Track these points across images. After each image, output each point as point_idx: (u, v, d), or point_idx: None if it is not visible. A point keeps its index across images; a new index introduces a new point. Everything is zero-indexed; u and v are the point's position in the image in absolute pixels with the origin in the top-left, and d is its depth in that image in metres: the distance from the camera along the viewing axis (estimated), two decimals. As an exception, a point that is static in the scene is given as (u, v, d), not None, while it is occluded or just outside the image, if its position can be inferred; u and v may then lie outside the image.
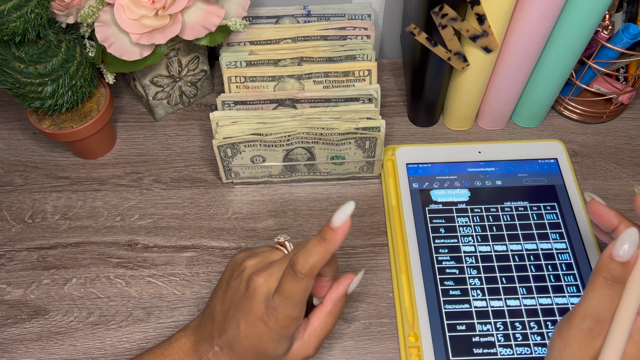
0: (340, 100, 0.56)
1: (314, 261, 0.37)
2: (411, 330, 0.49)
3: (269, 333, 0.39)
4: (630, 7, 0.57)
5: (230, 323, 0.40)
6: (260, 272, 0.40)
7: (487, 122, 0.63)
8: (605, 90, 0.61)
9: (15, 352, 0.49)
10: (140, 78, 0.58)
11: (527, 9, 0.49)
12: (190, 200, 0.58)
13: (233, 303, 0.41)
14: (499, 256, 0.53)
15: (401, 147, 0.60)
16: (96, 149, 0.60)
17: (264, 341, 0.39)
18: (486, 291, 0.51)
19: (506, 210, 0.55)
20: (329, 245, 0.37)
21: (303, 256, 0.37)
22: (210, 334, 0.41)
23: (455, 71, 0.57)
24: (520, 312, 0.49)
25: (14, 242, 0.55)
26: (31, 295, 0.52)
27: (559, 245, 0.53)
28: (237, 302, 0.40)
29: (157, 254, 0.54)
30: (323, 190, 0.59)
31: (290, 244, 0.45)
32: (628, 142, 0.62)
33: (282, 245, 0.44)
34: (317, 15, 0.61)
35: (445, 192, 0.57)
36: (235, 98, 0.56)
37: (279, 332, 0.39)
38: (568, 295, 0.50)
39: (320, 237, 0.37)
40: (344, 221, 0.37)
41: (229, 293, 0.42)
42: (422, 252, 0.53)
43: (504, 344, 0.48)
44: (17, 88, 0.50)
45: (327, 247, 0.37)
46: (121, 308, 0.51)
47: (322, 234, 0.37)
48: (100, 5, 0.51)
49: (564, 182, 0.57)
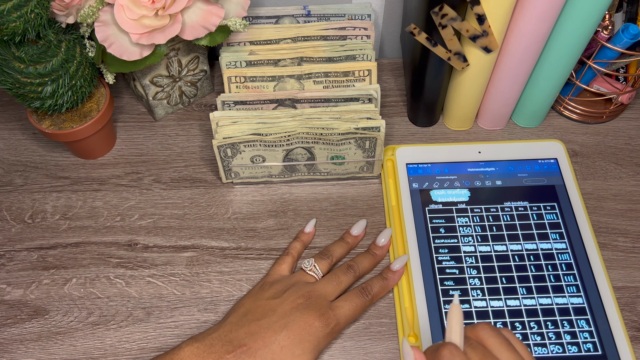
0: (340, 100, 0.56)
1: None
2: (411, 330, 0.49)
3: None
4: (630, 7, 0.57)
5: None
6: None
7: (487, 122, 0.63)
8: (605, 90, 0.61)
9: (15, 352, 0.49)
10: (140, 78, 0.58)
11: (527, 9, 0.49)
12: (190, 200, 0.58)
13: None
14: (499, 256, 0.53)
15: (401, 147, 0.60)
16: (96, 149, 0.60)
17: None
18: (486, 291, 0.51)
19: (506, 211, 0.55)
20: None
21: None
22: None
23: (455, 71, 0.57)
24: (520, 312, 0.49)
25: (14, 242, 0.55)
26: (31, 295, 0.52)
27: (558, 245, 0.53)
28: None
29: (157, 254, 0.54)
30: (323, 190, 0.59)
31: (317, 267, 0.50)
32: (628, 142, 0.62)
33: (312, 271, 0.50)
34: (317, 15, 0.61)
35: (445, 192, 0.57)
36: (235, 98, 0.56)
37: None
38: (568, 296, 0.50)
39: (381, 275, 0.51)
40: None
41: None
42: (422, 252, 0.53)
43: None
44: (17, 88, 0.50)
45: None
46: (121, 308, 0.51)
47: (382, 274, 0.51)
48: (100, 5, 0.51)
49: (564, 182, 0.57)
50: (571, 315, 0.49)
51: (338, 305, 0.47)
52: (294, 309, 0.45)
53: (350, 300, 0.48)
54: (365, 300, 0.48)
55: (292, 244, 0.53)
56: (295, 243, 0.53)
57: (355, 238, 0.54)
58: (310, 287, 0.48)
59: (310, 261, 0.50)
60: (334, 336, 0.47)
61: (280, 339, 0.44)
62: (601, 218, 0.56)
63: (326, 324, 0.45)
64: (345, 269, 0.50)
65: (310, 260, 0.50)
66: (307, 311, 0.45)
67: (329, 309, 0.46)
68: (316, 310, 0.46)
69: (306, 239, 0.54)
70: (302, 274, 0.50)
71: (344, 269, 0.50)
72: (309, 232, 0.54)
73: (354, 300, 0.48)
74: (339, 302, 0.47)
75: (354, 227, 0.54)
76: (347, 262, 0.51)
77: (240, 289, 0.52)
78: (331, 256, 0.51)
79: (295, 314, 0.45)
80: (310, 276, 0.49)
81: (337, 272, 0.50)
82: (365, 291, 0.49)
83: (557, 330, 0.48)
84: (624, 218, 0.56)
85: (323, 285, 0.48)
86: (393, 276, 0.50)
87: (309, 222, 0.55)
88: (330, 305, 0.47)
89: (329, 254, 0.51)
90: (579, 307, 0.50)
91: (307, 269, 0.50)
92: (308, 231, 0.54)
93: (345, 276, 0.49)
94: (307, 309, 0.45)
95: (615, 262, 0.53)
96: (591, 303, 0.50)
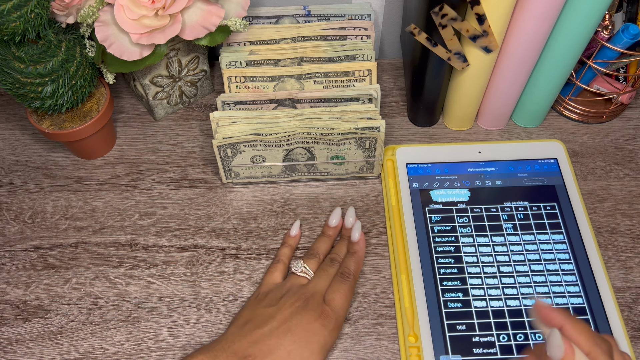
0: (340, 100, 0.56)
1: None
2: (411, 330, 0.49)
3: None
4: (630, 7, 0.57)
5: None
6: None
7: (487, 122, 0.63)
8: (605, 90, 0.61)
9: (15, 352, 0.49)
10: (140, 78, 0.58)
11: (527, 9, 0.49)
12: (190, 200, 0.58)
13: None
14: (499, 256, 0.53)
15: (401, 147, 0.60)
16: (96, 149, 0.60)
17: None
18: (486, 291, 0.51)
19: (506, 210, 0.55)
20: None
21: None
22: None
23: (455, 71, 0.57)
24: (520, 312, 0.49)
25: (14, 242, 0.55)
26: (31, 295, 0.52)
27: (558, 246, 0.53)
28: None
29: (157, 254, 0.54)
30: (323, 190, 0.59)
31: (309, 268, 0.50)
32: (628, 142, 0.62)
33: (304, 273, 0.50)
34: (317, 15, 0.61)
35: (445, 192, 0.57)
36: (235, 98, 0.56)
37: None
38: (568, 295, 0.50)
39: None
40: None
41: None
42: (422, 252, 0.53)
43: (504, 344, 0.48)
44: (17, 88, 0.50)
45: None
46: (121, 308, 0.51)
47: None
48: (100, 5, 0.51)
49: (564, 182, 0.57)
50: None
51: (330, 298, 0.47)
52: (293, 313, 0.45)
53: (337, 289, 0.48)
54: (349, 282, 0.49)
55: (280, 251, 0.53)
56: (283, 249, 0.53)
57: (335, 229, 0.55)
58: (306, 288, 0.48)
59: (299, 263, 0.50)
60: (338, 331, 0.47)
61: (285, 343, 0.44)
62: (601, 218, 0.56)
63: (327, 320, 0.46)
64: (329, 262, 0.51)
65: (299, 262, 0.51)
66: (306, 312, 0.45)
67: (325, 305, 0.47)
68: (314, 310, 0.46)
69: (293, 243, 0.54)
70: (294, 277, 0.50)
71: (329, 262, 0.51)
72: (294, 235, 0.54)
73: (341, 288, 0.48)
74: (329, 295, 0.48)
75: (330, 218, 0.55)
76: (329, 256, 0.52)
77: (240, 289, 0.52)
78: (318, 254, 0.52)
79: (296, 317, 0.45)
80: (303, 277, 0.50)
81: (324, 266, 0.50)
82: (345, 274, 0.49)
83: (557, 330, 0.48)
84: (624, 218, 0.56)
85: (315, 282, 0.49)
86: (359, 246, 0.52)
87: (293, 224, 0.55)
88: (325, 302, 0.47)
89: (315, 252, 0.52)
90: (579, 307, 0.50)
91: (298, 272, 0.50)
92: (294, 234, 0.54)
93: (332, 268, 0.50)
94: (306, 310, 0.46)
95: (615, 262, 0.53)
96: (591, 303, 0.50)
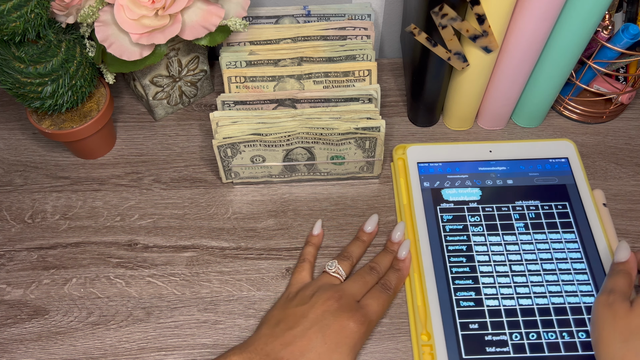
0: (340, 100, 0.56)
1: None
2: (424, 328, 0.49)
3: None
4: (630, 7, 0.57)
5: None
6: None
7: (487, 122, 0.63)
8: (605, 90, 0.61)
9: (15, 352, 0.49)
10: (140, 78, 0.58)
11: (527, 9, 0.49)
12: (190, 200, 0.58)
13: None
14: (511, 255, 0.52)
15: (412, 146, 0.60)
16: (96, 149, 0.60)
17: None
18: (498, 290, 0.50)
19: (517, 209, 0.55)
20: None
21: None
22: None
23: (455, 71, 0.57)
24: (532, 310, 0.49)
25: (13, 242, 0.55)
26: (31, 295, 0.52)
27: (570, 245, 0.53)
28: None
29: (157, 254, 0.54)
30: (323, 190, 0.59)
31: (342, 268, 0.50)
32: (628, 142, 0.62)
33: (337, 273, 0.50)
34: (317, 15, 0.61)
35: (457, 191, 0.57)
36: (235, 98, 0.56)
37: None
38: (580, 295, 0.50)
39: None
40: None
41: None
42: (434, 251, 0.53)
43: (516, 342, 0.48)
44: (17, 88, 0.50)
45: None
46: (121, 308, 0.51)
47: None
48: (100, 5, 0.51)
49: (575, 182, 0.57)
50: (583, 314, 0.49)
51: (366, 303, 0.47)
52: (326, 312, 0.45)
53: (376, 297, 0.48)
54: (389, 294, 0.49)
55: (305, 250, 0.53)
56: (308, 248, 0.53)
57: (370, 235, 0.54)
58: (338, 287, 0.48)
59: (334, 263, 0.50)
60: (368, 335, 0.47)
61: (316, 345, 0.44)
62: (601, 218, 0.56)
63: (361, 324, 0.45)
64: (368, 269, 0.50)
65: (333, 262, 0.50)
66: (340, 313, 0.45)
67: (360, 308, 0.46)
68: (348, 311, 0.45)
69: (317, 241, 0.54)
70: (326, 276, 0.50)
71: (368, 269, 0.50)
72: (317, 234, 0.54)
73: (380, 297, 0.48)
74: (366, 300, 0.47)
75: (366, 224, 0.54)
76: (369, 264, 0.51)
77: (240, 289, 0.52)
78: (351, 257, 0.51)
79: (329, 317, 0.45)
80: (335, 278, 0.49)
81: (361, 272, 0.50)
82: (386, 286, 0.49)
83: (570, 329, 0.48)
84: (624, 218, 0.56)
85: (350, 285, 0.48)
86: (404, 264, 0.51)
87: (315, 224, 0.55)
88: (360, 305, 0.47)
89: (348, 255, 0.52)
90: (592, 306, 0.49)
91: (332, 271, 0.50)
92: (316, 233, 0.54)
93: (370, 276, 0.50)
94: (340, 311, 0.45)
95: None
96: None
